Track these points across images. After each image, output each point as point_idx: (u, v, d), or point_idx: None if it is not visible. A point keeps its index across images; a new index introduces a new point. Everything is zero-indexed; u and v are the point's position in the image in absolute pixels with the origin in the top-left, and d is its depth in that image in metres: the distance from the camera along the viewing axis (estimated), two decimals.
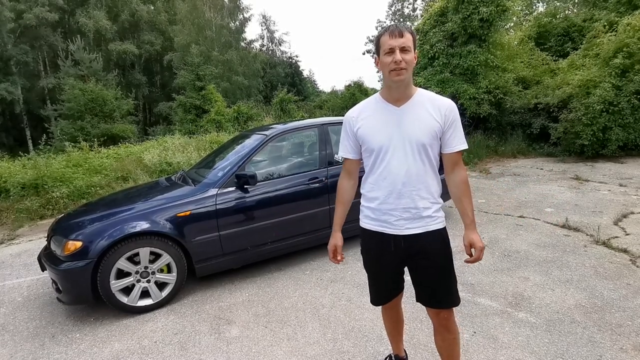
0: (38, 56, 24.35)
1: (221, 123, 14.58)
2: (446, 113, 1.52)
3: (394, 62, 1.44)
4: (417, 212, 1.56)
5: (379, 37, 1.52)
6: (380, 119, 1.57)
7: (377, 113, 1.59)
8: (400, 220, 1.57)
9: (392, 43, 1.44)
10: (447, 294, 1.62)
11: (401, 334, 2.01)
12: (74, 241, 2.69)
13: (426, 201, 1.57)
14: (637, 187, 5.57)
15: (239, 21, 28.25)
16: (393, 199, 1.57)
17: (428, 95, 1.58)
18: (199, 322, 2.73)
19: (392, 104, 1.56)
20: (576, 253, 3.47)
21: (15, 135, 24.21)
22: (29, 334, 2.73)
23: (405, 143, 1.53)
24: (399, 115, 1.54)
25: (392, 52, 1.45)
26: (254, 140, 3.62)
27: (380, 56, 1.51)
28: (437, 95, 1.58)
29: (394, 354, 2.05)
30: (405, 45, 1.44)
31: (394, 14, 33.97)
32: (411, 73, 1.51)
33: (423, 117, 1.52)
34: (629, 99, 7.46)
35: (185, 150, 8.33)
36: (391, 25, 1.50)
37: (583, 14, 11.97)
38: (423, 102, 1.54)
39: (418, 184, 1.55)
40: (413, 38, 1.48)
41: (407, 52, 1.45)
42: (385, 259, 1.67)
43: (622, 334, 2.28)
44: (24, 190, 6.32)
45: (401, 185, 1.55)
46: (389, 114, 1.56)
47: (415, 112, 1.53)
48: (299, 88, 30.18)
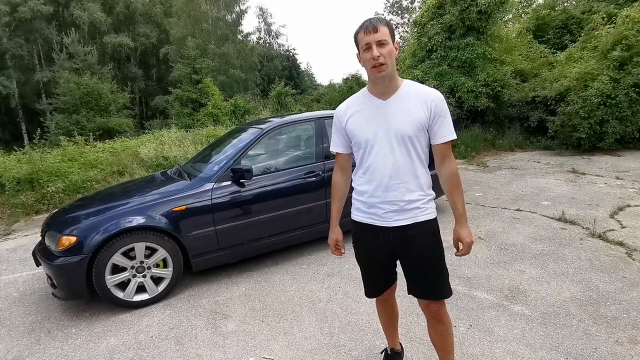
0: (33, 49, 24.05)
1: (218, 117, 14.52)
2: (432, 105, 1.51)
3: (372, 58, 1.44)
4: (405, 204, 1.56)
5: (355, 34, 1.52)
6: (367, 113, 1.59)
7: (364, 107, 1.60)
8: (388, 212, 1.58)
9: (368, 39, 1.45)
10: (436, 285, 1.62)
11: (396, 328, 2.01)
12: (68, 236, 2.68)
13: (414, 194, 1.56)
14: (633, 180, 5.58)
15: (236, 13, 27.97)
16: (380, 192, 1.58)
17: (415, 87, 1.57)
18: (195, 316, 2.73)
19: (378, 98, 1.56)
20: (572, 246, 3.48)
21: (11, 129, 24.03)
22: (25, 329, 2.72)
23: (390, 136, 1.53)
24: (385, 108, 1.55)
25: (369, 48, 1.45)
26: (250, 134, 3.59)
27: (360, 53, 1.52)
28: (423, 87, 1.57)
29: (390, 347, 2.05)
30: (381, 39, 1.44)
31: (392, 5, 33.66)
32: (393, 65, 1.50)
33: (409, 109, 1.51)
34: (626, 92, 7.45)
35: (182, 144, 8.29)
36: (365, 21, 1.50)
37: (582, 5, 11.90)
38: (409, 95, 1.54)
39: (405, 177, 1.55)
40: (389, 29, 1.47)
41: (384, 46, 1.44)
42: (375, 251, 1.70)
43: (618, 326, 2.29)
44: (19, 185, 6.28)
45: (388, 178, 1.56)
46: (375, 108, 1.57)
47: (401, 104, 1.53)
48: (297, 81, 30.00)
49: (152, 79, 29.19)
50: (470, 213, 4.55)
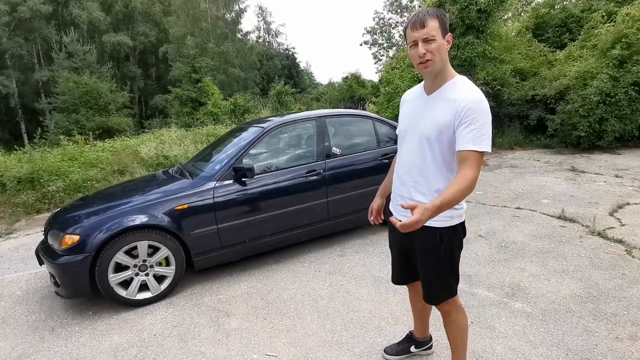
0: (32, 49, 24.02)
1: (218, 116, 14.53)
2: (459, 108, 1.38)
3: (418, 55, 1.41)
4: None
5: (404, 29, 1.48)
6: (413, 105, 1.61)
7: (414, 98, 1.62)
8: (398, 206, 1.63)
9: (415, 36, 1.40)
10: (428, 290, 1.66)
11: (423, 319, 2.05)
12: (71, 235, 2.69)
13: (423, 197, 1.51)
14: (632, 178, 5.60)
15: (235, 12, 27.95)
16: (397, 185, 1.65)
17: (457, 86, 1.45)
18: (198, 314, 2.75)
19: (426, 92, 1.55)
20: (572, 244, 3.50)
21: (11, 129, 24.02)
22: (29, 327, 2.74)
23: (416, 134, 1.53)
24: (425, 104, 1.53)
25: (416, 45, 1.41)
26: (252, 132, 3.60)
27: (408, 48, 1.48)
28: (465, 87, 1.43)
29: (413, 332, 2.11)
30: (428, 35, 1.38)
31: (392, 4, 33.67)
32: (443, 60, 1.42)
33: (437, 110, 1.46)
34: (626, 90, 7.45)
35: (182, 143, 8.30)
36: (414, 14, 1.43)
37: (581, 4, 11.90)
38: (446, 97, 1.45)
39: (418, 177, 1.53)
40: (440, 22, 1.39)
41: (432, 42, 1.38)
42: (394, 240, 1.80)
43: (618, 323, 2.30)
44: (20, 185, 6.28)
45: (403, 173, 1.59)
46: (419, 102, 1.57)
47: (435, 105, 1.48)
48: (296, 80, 30.02)
49: (152, 78, 29.16)
50: (471, 211, 4.57)
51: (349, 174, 3.70)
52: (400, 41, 33.00)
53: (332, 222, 3.66)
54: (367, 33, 35.61)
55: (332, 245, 3.82)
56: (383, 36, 35.26)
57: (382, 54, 35.64)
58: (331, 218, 3.63)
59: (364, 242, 3.82)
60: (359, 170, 3.76)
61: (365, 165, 3.80)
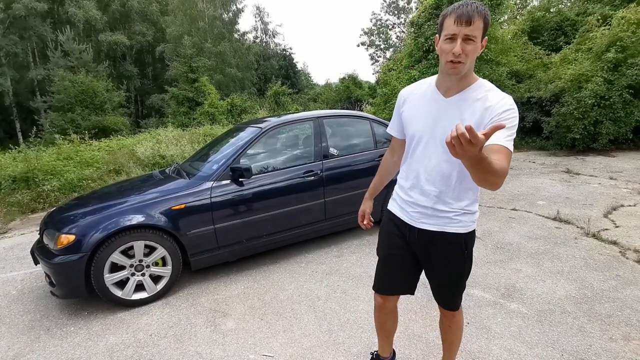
0: (27, 47, 23.81)
1: (215, 116, 14.51)
2: (495, 114, 1.28)
3: (452, 53, 1.25)
4: (435, 211, 1.47)
5: (444, 16, 1.30)
6: (424, 106, 1.44)
7: (424, 99, 1.46)
8: (417, 213, 1.51)
9: (456, 30, 1.24)
10: (449, 297, 1.64)
11: (390, 337, 1.92)
12: (66, 234, 2.67)
13: (447, 206, 1.45)
14: (626, 180, 5.65)
15: (232, 12, 27.91)
16: (415, 193, 1.50)
17: (486, 90, 1.34)
18: (194, 314, 2.74)
19: (441, 93, 1.40)
20: (567, 245, 3.53)
21: (5, 127, 23.79)
22: (25, 327, 2.72)
23: (437, 139, 1.39)
24: (442, 106, 1.39)
25: (453, 40, 1.25)
26: (249, 133, 3.60)
27: (440, 40, 1.32)
28: (494, 93, 1.33)
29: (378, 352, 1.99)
30: (471, 35, 1.23)
31: (389, 5, 33.77)
32: (471, 64, 1.32)
33: (463, 114, 1.33)
34: (620, 93, 7.53)
35: (178, 143, 8.27)
36: (461, 4, 1.24)
37: (577, 7, 12.01)
38: (474, 99, 1.33)
39: (442, 187, 1.42)
40: (484, 24, 1.25)
41: (471, 43, 1.24)
42: (396, 245, 1.62)
43: (612, 324, 2.33)
44: (15, 184, 6.25)
45: (424, 181, 1.45)
46: (434, 103, 1.42)
47: (459, 106, 1.35)
48: (293, 81, 30.02)
49: (148, 77, 29.02)
50: None
51: (346, 174, 3.71)
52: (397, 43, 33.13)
53: (329, 223, 3.67)
54: (364, 34, 35.70)
55: (329, 245, 3.83)
56: (380, 37, 35.35)
57: (379, 56, 35.75)
58: (328, 218, 3.64)
59: (361, 243, 3.83)
60: (356, 171, 3.77)
61: (363, 166, 3.81)
